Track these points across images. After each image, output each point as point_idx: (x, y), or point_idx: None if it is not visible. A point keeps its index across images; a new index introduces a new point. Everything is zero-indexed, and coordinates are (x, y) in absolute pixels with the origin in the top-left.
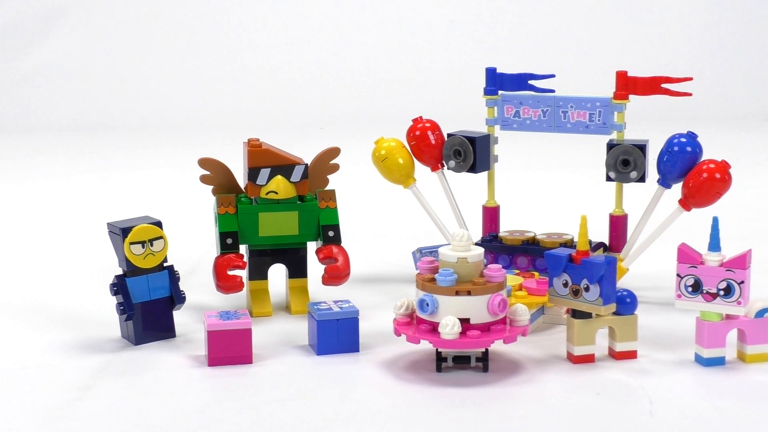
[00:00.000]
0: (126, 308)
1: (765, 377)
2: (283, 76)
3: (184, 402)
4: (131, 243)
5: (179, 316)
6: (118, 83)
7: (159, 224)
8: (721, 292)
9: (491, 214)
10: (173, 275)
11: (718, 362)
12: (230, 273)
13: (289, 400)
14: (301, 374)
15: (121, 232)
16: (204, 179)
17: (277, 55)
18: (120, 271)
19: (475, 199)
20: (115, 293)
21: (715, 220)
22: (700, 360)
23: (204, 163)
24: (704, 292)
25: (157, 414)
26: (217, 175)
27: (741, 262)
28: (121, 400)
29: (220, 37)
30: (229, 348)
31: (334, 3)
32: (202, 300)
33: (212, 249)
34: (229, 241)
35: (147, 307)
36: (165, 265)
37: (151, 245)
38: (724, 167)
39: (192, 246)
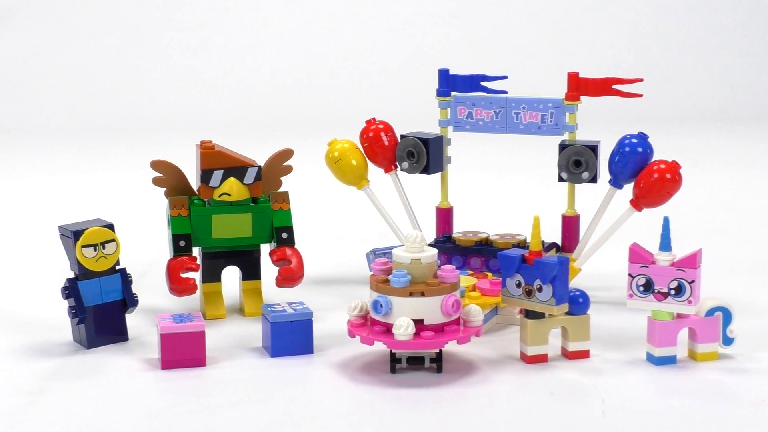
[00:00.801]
0: (78, 312)
1: (716, 375)
2: (236, 78)
3: (137, 406)
4: (83, 246)
5: (132, 319)
6: (67, 85)
7: (111, 227)
8: (672, 292)
9: (444, 215)
10: (126, 278)
11: (670, 361)
12: (183, 275)
13: (243, 402)
14: (255, 376)
15: (72, 235)
16: (156, 181)
17: (229, 57)
18: (72, 275)
19: (428, 201)
20: (66, 297)
21: (666, 220)
22: (651, 359)
23: (156, 165)
24: (655, 291)
25: (109, 418)
26: (169, 177)
27: (691, 261)
28: (74, 405)
29: (173, 38)
30: (182, 351)
31: (287, 5)
32: (155, 303)
33: (165, 251)
34: (182, 243)
35: (99, 311)
36: (117, 268)
37: (103, 248)
38: (674, 167)
39: (145, 248)
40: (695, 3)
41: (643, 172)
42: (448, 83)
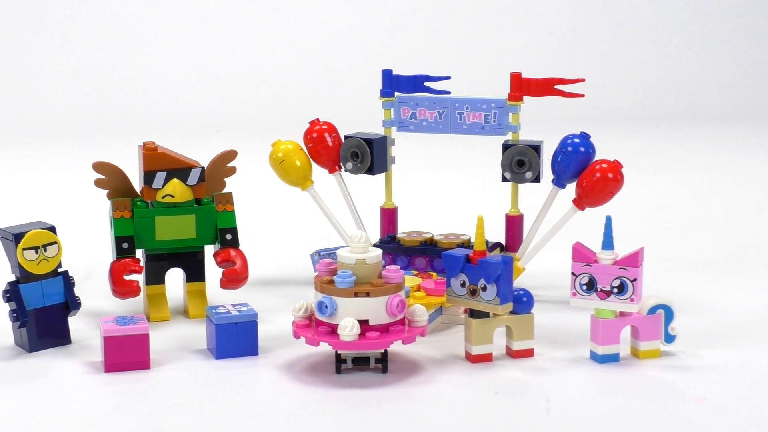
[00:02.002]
0: (19, 315)
1: (658, 373)
2: (179, 78)
3: (80, 409)
4: (24, 249)
5: (74, 322)
6: (8, 84)
7: (53, 229)
8: (615, 290)
9: (389, 216)
10: (68, 281)
11: (613, 359)
12: (126, 278)
13: (187, 404)
14: (199, 379)
15: (13, 237)
16: (99, 183)
17: (172, 57)
18: (13, 278)
19: (372, 201)
20: (7, 300)
21: (609, 219)
22: (595, 357)
23: (99, 167)
24: (598, 290)
25: (52, 422)
26: (112, 178)
27: (633, 260)
28: (16, 409)
29: (115, 38)
30: (126, 354)
31: (231, 4)
32: (98, 305)
33: (108, 254)
34: (125, 245)
35: (41, 314)
36: (59, 270)
37: (45, 251)
38: (616, 167)
39: (87, 251)
40: (635, 3)
41: (585, 172)
42: (392, 84)
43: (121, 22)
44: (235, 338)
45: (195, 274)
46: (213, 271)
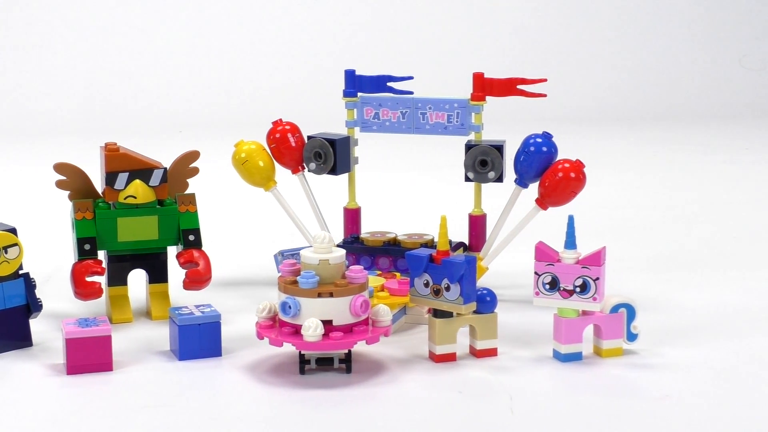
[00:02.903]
0: None
1: (620, 371)
2: (141, 78)
3: (42, 412)
4: None
5: (36, 325)
6: None
7: (13, 231)
8: (578, 289)
9: (352, 216)
10: (29, 283)
11: (576, 357)
12: (88, 279)
13: (150, 406)
14: (162, 380)
15: None
16: (60, 184)
17: (133, 58)
18: None
19: (336, 201)
20: None
21: (571, 219)
22: (558, 356)
23: (60, 167)
24: (561, 289)
25: (13, 425)
26: (73, 180)
27: (596, 259)
28: None
29: (75, 38)
30: (88, 356)
31: (194, 4)
32: (59, 307)
33: (70, 255)
34: (87, 246)
35: (2, 316)
36: (20, 272)
37: (6, 252)
38: (578, 166)
39: (48, 252)
40: (597, 2)
41: (547, 172)
42: (355, 84)
43: (80, 21)
44: (199, 339)
45: (158, 275)
46: (176, 272)
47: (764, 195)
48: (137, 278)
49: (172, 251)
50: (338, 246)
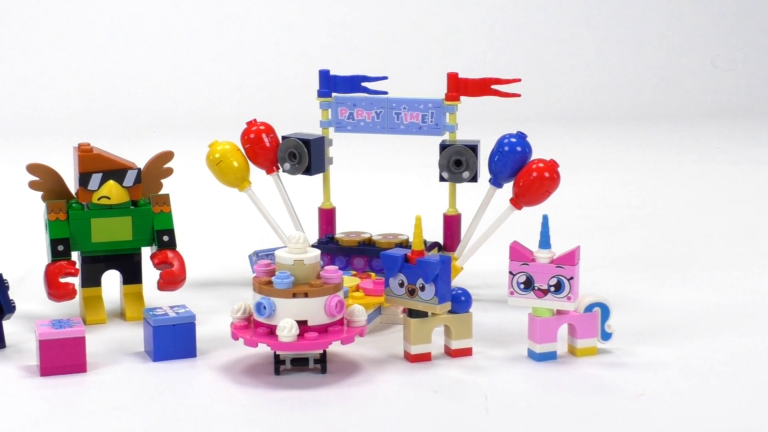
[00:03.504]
0: None
1: (595, 370)
2: (114, 78)
3: (16, 414)
4: None
5: (9, 326)
6: None
7: None
8: (552, 288)
9: (327, 216)
10: (2, 284)
11: (550, 357)
12: (62, 280)
13: (125, 408)
14: (137, 381)
15: None
16: (33, 185)
17: (107, 56)
18: None
19: (310, 202)
20: None
21: (545, 218)
22: (533, 355)
23: (33, 168)
24: (536, 288)
25: None
26: (46, 180)
27: (570, 258)
28: None
29: (45, 36)
30: (62, 357)
31: (166, 4)
32: (33, 309)
33: (43, 256)
34: (61, 248)
35: None
36: None
37: None
38: (552, 166)
39: (22, 254)
40: (570, 1)
41: (522, 171)
42: (329, 84)
43: (50, 21)
44: (173, 340)
45: (132, 276)
46: (150, 273)
47: (738, 194)
48: (111, 279)
49: (146, 252)
50: (313, 246)
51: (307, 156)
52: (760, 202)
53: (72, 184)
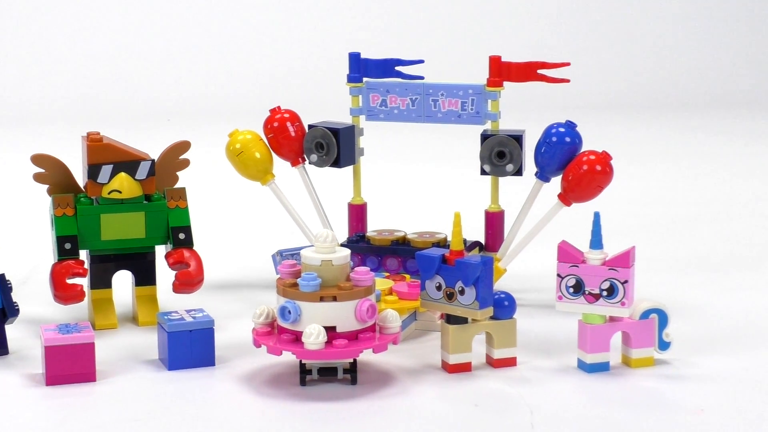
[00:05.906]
0: None
1: (651, 383)
2: (126, 60)
3: (19, 426)
4: None
5: (12, 331)
6: None
7: None
8: (604, 293)
9: (358, 213)
10: (5, 285)
11: (602, 368)
12: (69, 281)
13: (137, 420)
14: (150, 392)
15: None
16: (38, 178)
17: (118, 40)
18: None
19: (340, 196)
20: None
21: (597, 216)
22: (583, 366)
23: (38, 159)
24: (586, 292)
25: None
26: (52, 173)
27: (624, 260)
28: None
29: (53, 20)
30: (69, 365)
31: None
32: (38, 312)
33: (49, 255)
34: (68, 245)
35: None
36: None
37: None
38: (605, 158)
39: (25, 252)
40: None
41: (571, 164)
42: (360, 68)
43: (60, 4)
44: (190, 347)
45: (145, 277)
46: (165, 274)
47: None
48: (122, 280)
49: (160, 251)
50: (342, 245)
51: (335, 147)
52: None
53: (80, 177)
